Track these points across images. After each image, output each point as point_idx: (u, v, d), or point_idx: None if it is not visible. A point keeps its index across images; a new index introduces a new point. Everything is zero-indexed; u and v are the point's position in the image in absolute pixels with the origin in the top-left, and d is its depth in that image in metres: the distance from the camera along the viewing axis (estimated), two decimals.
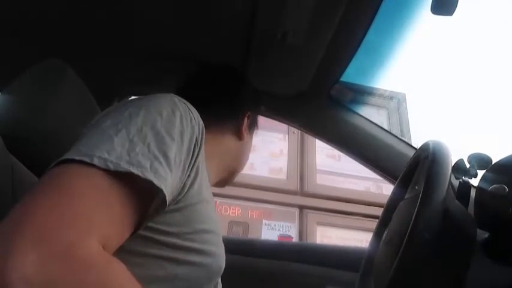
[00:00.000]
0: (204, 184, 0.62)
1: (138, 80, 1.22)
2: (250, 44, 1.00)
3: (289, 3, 0.85)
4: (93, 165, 0.43)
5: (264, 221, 2.81)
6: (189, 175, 0.56)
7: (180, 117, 0.55)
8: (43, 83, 0.78)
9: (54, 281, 0.35)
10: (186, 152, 0.54)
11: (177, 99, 0.58)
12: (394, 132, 1.27)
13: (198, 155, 0.57)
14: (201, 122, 0.60)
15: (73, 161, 0.44)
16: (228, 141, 0.84)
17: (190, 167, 0.56)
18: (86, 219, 0.40)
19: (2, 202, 0.61)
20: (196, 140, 0.57)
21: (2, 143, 0.64)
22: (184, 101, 0.59)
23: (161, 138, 0.50)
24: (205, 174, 0.64)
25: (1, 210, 0.59)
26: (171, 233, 0.55)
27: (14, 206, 0.40)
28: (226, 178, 0.88)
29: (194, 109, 0.60)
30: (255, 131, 0.94)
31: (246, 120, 0.86)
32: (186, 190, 0.55)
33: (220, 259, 0.63)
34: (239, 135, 0.85)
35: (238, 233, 2.71)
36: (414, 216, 0.54)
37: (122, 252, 0.46)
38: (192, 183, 0.57)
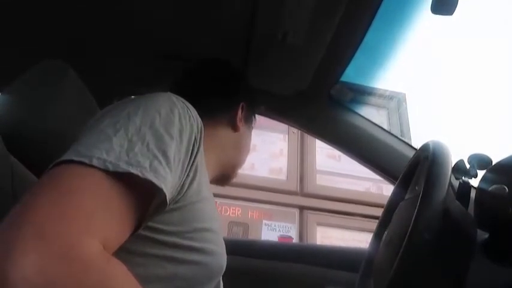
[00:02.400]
0: (203, 183, 0.61)
1: (138, 80, 1.22)
2: (250, 44, 1.00)
3: (289, 3, 0.85)
4: (92, 166, 0.43)
5: (264, 222, 2.80)
6: (188, 174, 0.55)
7: (179, 115, 0.54)
8: (43, 83, 0.78)
9: (54, 281, 0.35)
10: (185, 151, 0.54)
11: (175, 97, 0.58)
12: (394, 132, 1.27)
13: (197, 153, 0.57)
14: (200, 120, 0.60)
15: (72, 161, 0.44)
16: (223, 133, 0.82)
17: (190, 166, 0.55)
18: (86, 219, 0.40)
19: (2, 202, 0.61)
20: (195, 138, 0.57)
21: (2, 143, 0.64)
22: (182, 100, 0.59)
23: (160, 137, 0.50)
24: (204, 172, 0.64)
25: (1, 210, 0.59)
26: (171, 232, 0.55)
27: (14, 206, 0.40)
28: (227, 174, 0.86)
29: (192, 107, 0.60)
30: (253, 123, 0.92)
31: (240, 111, 0.84)
32: (185, 189, 0.55)
33: (220, 258, 0.63)
34: (234, 127, 0.83)
35: (238, 234, 2.71)
36: (414, 216, 0.54)
37: (122, 252, 0.46)
38: (191, 182, 0.56)
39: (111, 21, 1.00)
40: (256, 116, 0.96)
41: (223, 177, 0.85)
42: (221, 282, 0.69)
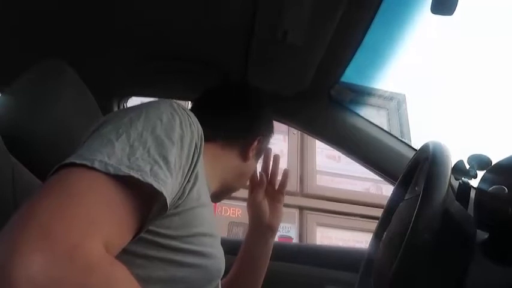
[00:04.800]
0: (203, 190, 0.62)
1: (138, 80, 1.22)
2: (250, 44, 1.00)
3: (289, 3, 0.85)
4: (94, 169, 0.44)
5: None
6: (188, 180, 0.56)
7: (180, 121, 0.55)
8: (43, 83, 0.78)
9: (57, 281, 0.35)
10: (186, 157, 0.55)
11: (176, 104, 0.59)
12: (394, 133, 1.27)
13: (197, 160, 0.58)
14: (200, 127, 0.61)
15: (74, 164, 0.44)
16: (231, 158, 0.84)
17: (190, 172, 0.56)
18: (88, 221, 0.40)
19: (3, 203, 0.61)
20: (196, 145, 0.57)
21: (3, 144, 0.64)
22: (183, 107, 0.60)
23: (161, 142, 0.51)
24: (204, 181, 0.65)
25: (2, 210, 0.59)
26: (170, 236, 0.56)
27: (18, 208, 0.40)
28: (222, 193, 0.88)
29: (193, 115, 0.61)
30: (261, 156, 0.95)
31: (255, 143, 0.86)
32: (185, 195, 0.56)
33: (219, 261, 0.64)
34: (244, 156, 0.85)
35: (238, 234, 2.71)
36: (414, 216, 0.54)
37: (124, 254, 0.46)
38: (191, 188, 0.57)
39: (111, 21, 1.00)
40: None
41: (217, 193, 0.86)
42: (220, 285, 0.70)
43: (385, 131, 1.23)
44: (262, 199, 0.95)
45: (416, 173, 0.77)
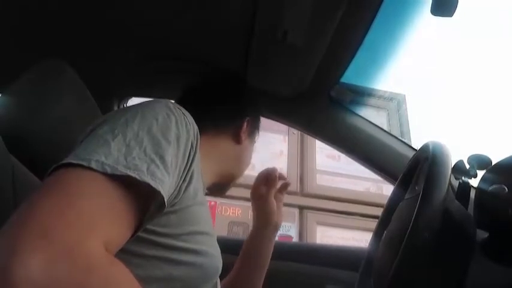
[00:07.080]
0: (199, 188, 0.63)
1: (137, 80, 1.22)
2: (250, 44, 1.00)
3: (289, 3, 0.85)
4: (91, 169, 0.44)
5: None
6: (184, 179, 0.57)
7: (176, 121, 0.56)
8: (43, 84, 0.78)
9: (57, 281, 0.35)
10: (182, 156, 0.55)
11: (171, 104, 0.59)
12: (394, 133, 1.27)
13: (193, 159, 0.58)
14: (196, 126, 0.61)
15: (71, 165, 0.44)
16: (225, 144, 0.85)
17: (186, 171, 0.57)
18: (87, 220, 0.41)
19: (3, 202, 0.61)
20: (192, 144, 0.58)
21: (3, 144, 0.64)
22: (179, 106, 0.60)
23: (157, 142, 0.51)
24: (200, 178, 0.65)
25: (2, 210, 0.59)
26: (166, 234, 0.56)
27: (17, 208, 0.40)
28: (224, 183, 0.88)
29: (188, 114, 0.61)
30: (256, 138, 0.96)
31: (245, 125, 0.87)
32: (181, 194, 0.57)
33: (215, 259, 0.65)
34: (237, 140, 0.86)
35: (238, 234, 2.71)
36: (414, 216, 0.54)
37: (120, 253, 0.46)
38: (187, 187, 0.58)
39: (112, 21, 1.00)
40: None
41: (219, 186, 0.87)
42: (218, 283, 0.70)
43: (385, 131, 1.23)
44: (273, 199, 0.99)
45: (416, 172, 0.77)
